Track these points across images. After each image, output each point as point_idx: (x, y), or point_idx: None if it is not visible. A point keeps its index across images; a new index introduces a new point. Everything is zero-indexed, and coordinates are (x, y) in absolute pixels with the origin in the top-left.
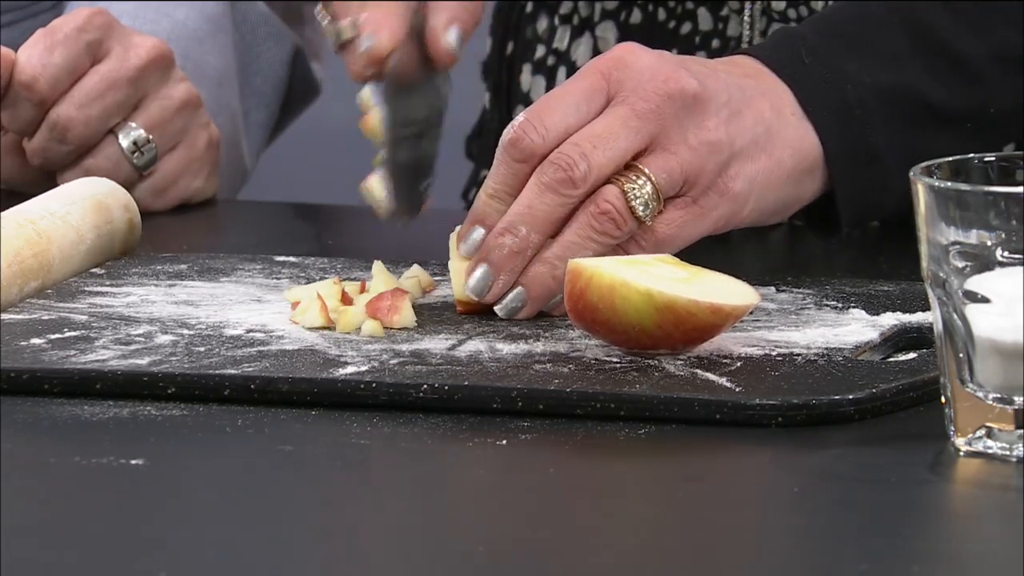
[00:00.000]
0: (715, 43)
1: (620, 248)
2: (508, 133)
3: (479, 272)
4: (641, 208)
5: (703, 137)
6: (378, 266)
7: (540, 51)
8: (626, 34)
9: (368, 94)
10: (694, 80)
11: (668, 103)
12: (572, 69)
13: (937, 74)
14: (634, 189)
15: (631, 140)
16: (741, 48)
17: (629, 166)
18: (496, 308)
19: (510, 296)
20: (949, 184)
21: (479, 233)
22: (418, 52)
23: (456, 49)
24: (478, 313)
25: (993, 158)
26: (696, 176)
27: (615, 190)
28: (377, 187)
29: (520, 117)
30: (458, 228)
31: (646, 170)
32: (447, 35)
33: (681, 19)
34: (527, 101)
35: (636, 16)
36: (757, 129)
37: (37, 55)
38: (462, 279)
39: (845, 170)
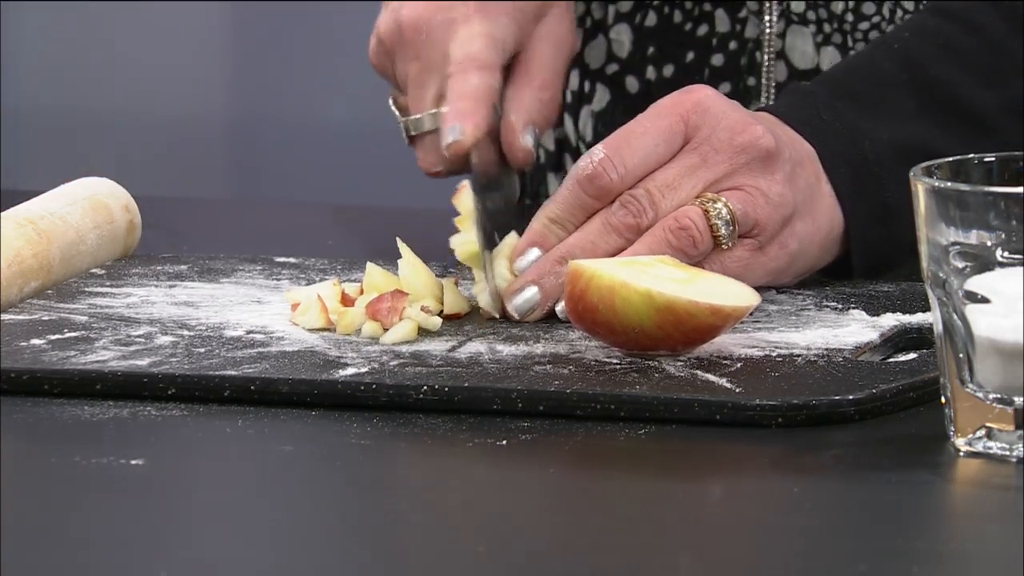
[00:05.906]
0: (732, 45)
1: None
2: (586, 167)
3: (528, 293)
4: (723, 227)
5: (774, 188)
6: (372, 268)
7: None
8: (641, 37)
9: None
10: (769, 135)
11: (741, 154)
12: (585, 72)
13: (950, 130)
14: (715, 212)
15: (696, 188)
16: (760, 106)
17: (701, 194)
18: (510, 307)
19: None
20: (949, 184)
21: (536, 254)
22: (495, 147)
23: (532, 150)
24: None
25: (993, 158)
26: (765, 222)
27: (696, 210)
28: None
29: (599, 152)
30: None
31: (723, 198)
32: (524, 136)
33: (698, 21)
34: None
35: (651, 18)
36: (806, 192)
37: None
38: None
39: (862, 226)
